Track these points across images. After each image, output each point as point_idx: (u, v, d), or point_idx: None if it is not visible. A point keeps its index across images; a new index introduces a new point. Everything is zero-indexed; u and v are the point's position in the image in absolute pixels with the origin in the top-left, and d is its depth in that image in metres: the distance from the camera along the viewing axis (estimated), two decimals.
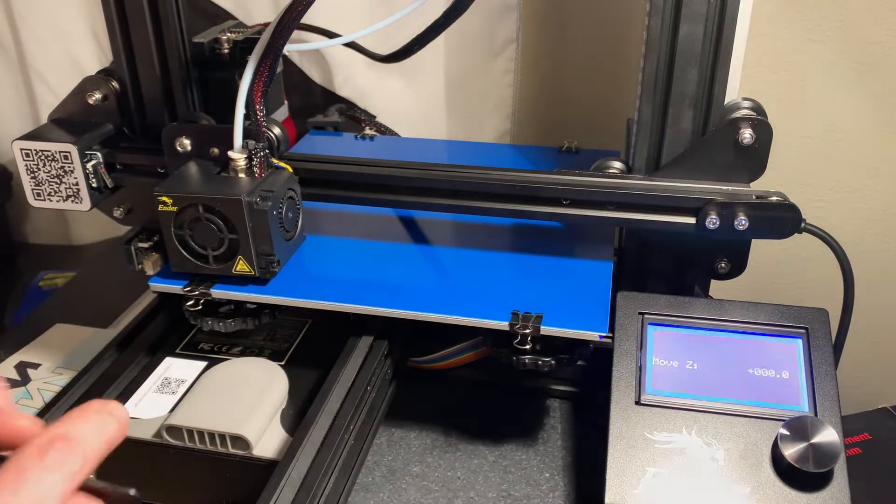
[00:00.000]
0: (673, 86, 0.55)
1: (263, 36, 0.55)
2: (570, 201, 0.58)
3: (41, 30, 0.91)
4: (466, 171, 0.59)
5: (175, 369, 0.61)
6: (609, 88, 0.84)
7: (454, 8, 0.56)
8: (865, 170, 0.82)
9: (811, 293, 0.87)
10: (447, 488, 0.57)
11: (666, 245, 0.60)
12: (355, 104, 0.89)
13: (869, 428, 0.64)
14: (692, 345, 0.54)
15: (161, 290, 0.60)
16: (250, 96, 0.56)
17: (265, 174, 0.57)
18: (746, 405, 0.50)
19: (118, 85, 0.63)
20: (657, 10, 0.53)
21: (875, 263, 0.85)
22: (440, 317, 0.55)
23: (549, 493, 0.56)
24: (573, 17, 0.83)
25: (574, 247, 0.64)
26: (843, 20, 0.75)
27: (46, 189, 0.63)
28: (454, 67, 0.87)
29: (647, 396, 0.51)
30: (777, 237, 0.55)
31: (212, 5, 0.86)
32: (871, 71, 0.77)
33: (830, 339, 0.53)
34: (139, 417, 0.55)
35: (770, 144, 0.55)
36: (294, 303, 0.57)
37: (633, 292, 0.56)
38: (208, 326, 0.60)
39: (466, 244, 0.64)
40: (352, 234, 0.66)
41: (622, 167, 0.60)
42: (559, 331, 0.53)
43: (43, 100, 0.94)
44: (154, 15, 0.60)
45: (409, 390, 0.64)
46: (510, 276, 0.60)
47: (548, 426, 0.63)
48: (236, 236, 0.55)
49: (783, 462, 0.47)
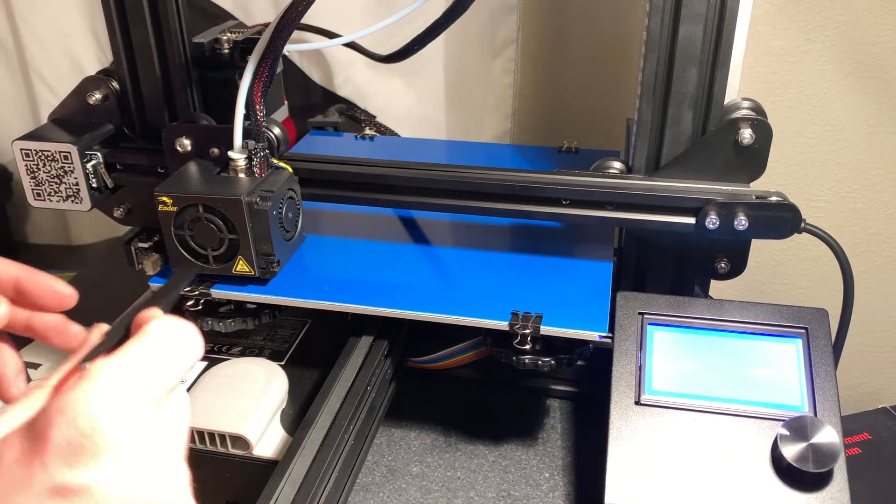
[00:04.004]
0: (673, 86, 0.55)
1: (263, 36, 0.55)
2: (569, 201, 0.58)
3: (41, 30, 0.91)
4: (466, 171, 0.59)
5: None
6: (609, 88, 0.84)
7: (454, 8, 0.56)
8: (865, 170, 0.82)
9: (811, 293, 0.87)
10: (447, 488, 0.57)
11: (666, 245, 0.60)
12: (355, 104, 0.89)
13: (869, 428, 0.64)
14: (692, 345, 0.54)
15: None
16: (250, 96, 0.56)
17: (265, 174, 0.57)
18: (746, 405, 0.50)
19: (118, 85, 0.63)
20: (657, 10, 0.53)
21: (875, 263, 0.85)
22: (440, 317, 0.55)
23: (549, 493, 0.56)
24: (573, 17, 0.83)
25: (574, 247, 0.64)
26: (842, 20, 0.75)
27: (46, 189, 0.63)
28: (454, 67, 0.87)
29: (647, 396, 0.51)
30: (777, 237, 0.55)
31: (212, 5, 0.86)
32: (871, 71, 0.77)
33: (830, 339, 0.53)
34: None
35: (770, 144, 0.55)
36: (294, 303, 0.57)
37: (633, 292, 0.56)
38: (208, 326, 0.60)
39: (466, 244, 0.64)
40: (352, 234, 0.66)
41: (622, 167, 0.60)
42: (559, 331, 0.53)
43: (43, 100, 0.94)
44: (154, 15, 0.60)
45: (409, 390, 0.64)
46: (510, 276, 0.60)
47: (548, 426, 0.63)
48: (236, 236, 0.55)
49: (783, 462, 0.47)
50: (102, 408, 0.27)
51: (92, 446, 0.27)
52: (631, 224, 0.58)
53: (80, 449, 0.27)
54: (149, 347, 0.30)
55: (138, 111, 0.64)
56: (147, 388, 0.29)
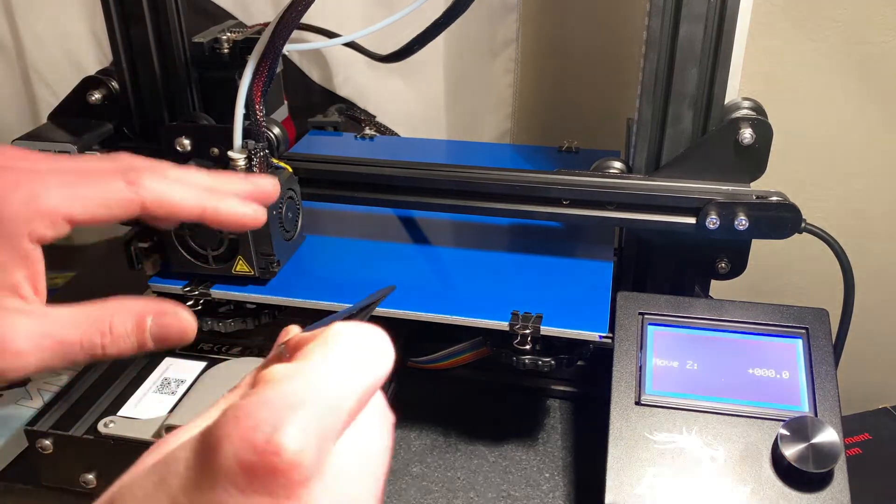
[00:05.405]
0: (673, 86, 0.55)
1: (263, 36, 0.55)
2: (570, 201, 0.58)
3: (41, 30, 0.91)
4: (466, 171, 0.59)
5: (175, 369, 0.60)
6: (609, 88, 0.84)
7: (454, 8, 0.56)
8: (865, 170, 0.82)
9: (811, 293, 0.87)
10: (447, 488, 0.57)
11: (666, 245, 0.60)
12: (355, 104, 0.89)
13: (869, 428, 0.64)
14: (692, 345, 0.54)
15: (161, 290, 0.60)
16: (250, 96, 0.56)
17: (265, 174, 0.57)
18: (746, 405, 0.50)
19: (118, 85, 0.63)
20: (657, 10, 0.53)
21: (875, 263, 0.85)
22: (440, 317, 0.55)
23: (549, 493, 0.56)
24: (573, 17, 0.83)
25: (574, 247, 0.64)
26: (842, 20, 0.75)
27: None
28: (454, 67, 0.87)
29: (647, 396, 0.51)
30: (777, 237, 0.55)
31: (212, 5, 0.86)
32: (871, 71, 0.77)
33: (830, 339, 0.53)
34: (139, 418, 0.55)
35: (770, 144, 0.55)
36: (294, 303, 0.57)
37: (633, 292, 0.56)
38: (208, 326, 0.60)
39: (466, 244, 0.64)
40: (352, 234, 0.66)
41: (622, 167, 0.60)
42: (559, 331, 0.53)
43: (43, 100, 0.94)
44: (154, 15, 0.60)
45: (409, 390, 0.64)
46: (510, 276, 0.60)
47: (548, 426, 0.63)
48: (236, 236, 0.55)
49: (783, 462, 0.47)
50: (291, 428, 0.22)
51: (270, 472, 0.21)
52: (631, 224, 0.58)
53: (252, 472, 0.21)
54: (338, 357, 0.25)
55: (138, 111, 0.64)
56: (336, 409, 0.24)
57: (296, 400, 0.22)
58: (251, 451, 0.21)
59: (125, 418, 0.55)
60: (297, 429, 0.22)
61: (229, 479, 0.21)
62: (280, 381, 0.23)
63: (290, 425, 0.22)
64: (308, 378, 0.24)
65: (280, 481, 0.21)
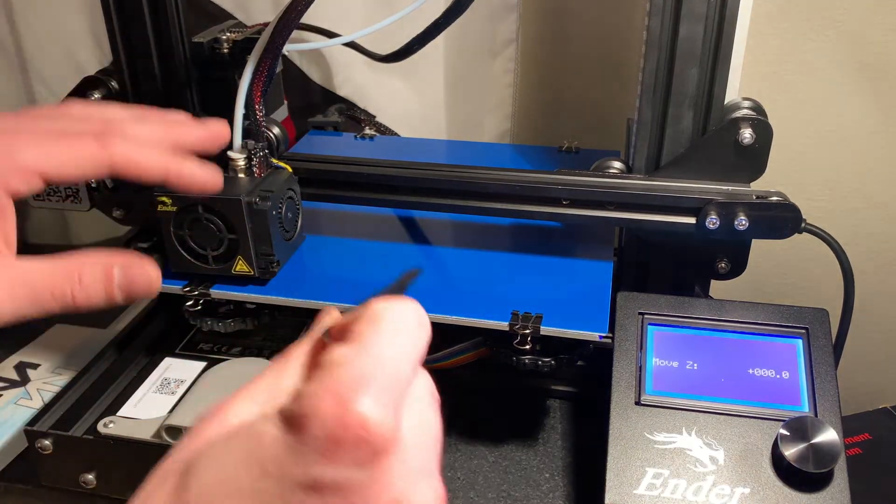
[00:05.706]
0: (673, 86, 0.55)
1: (263, 36, 0.55)
2: (569, 201, 0.58)
3: (41, 30, 0.91)
4: (466, 171, 0.59)
5: (174, 369, 0.61)
6: (609, 88, 0.84)
7: (454, 8, 0.56)
8: (865, 170, 0.82)
9: (811, 293, 0.87)
10: (447, 488, 0.57)
11: (666, 245, 0.60)
12: (355, 104, 0.89)
13: (869, 428, 0.64)
14: (692, 345, 0.54)
15: (160, 290, 0.59)
16: (250, 96, 0.56)
17: (265, 174, 0.57)
18: (746, 405, 0.50)
19: (118, 85, 0.63)
20: (657, 10, 0.53)
21: (875, 263, 0.85)
22: (440, 317, 0.55)
23: (549, 494, 0.56)
24: (573, 17, 0.83)
25: (574, 247, 0.63)
26: (843, 20, 0.75)
27: (46, 189, 0.63)
28: (454, 67, 0.87)
29: (647, 397, 0.51)
30: (777, 237, 0.55)
31: (212, 5, 0.86)
32: (872, 71, 0.77)
33: (830, 340, 0.53)
34: (138, 418, 0.55)
35: (770, 144, 0.55)
36: (294, 303, 0.57)
37: (633, 292, 0.56)
38: (207, 327, 0.60)
39: (466, 244, 0.64)
40: (352, 234, 0.66)
41: (622, 167, 0.60)
42: (559, 331, 0.53)
43: (43, 99, 0.94)
44: (154, 15, 0.60)
45: None
46: (510, 276, 0.60)
47: (548, 426, 0.63)
48: (236, 236, 0.55)
49: (783, 462, 0.47)
50: (369, 401, 0.24)
51: (356, 442, 0.24)
52: (631, 224, 0.58)
53: (340, 444, 0.24)
54: (389, 332, 0.28)
55: None
56: (400, 380, 0.27)
57: (368, 376, 0.25)
58: (340, 426, 0.24)
59: (125, 418, 0.55)
60: (375, 401, 0.25)
61: (320, 452, 0.24)
62: (348, 362, 0.26)
63: (369, 399, 0.24)
64: (371, 355, 0.26)
65: (366, 450, 0.24)
